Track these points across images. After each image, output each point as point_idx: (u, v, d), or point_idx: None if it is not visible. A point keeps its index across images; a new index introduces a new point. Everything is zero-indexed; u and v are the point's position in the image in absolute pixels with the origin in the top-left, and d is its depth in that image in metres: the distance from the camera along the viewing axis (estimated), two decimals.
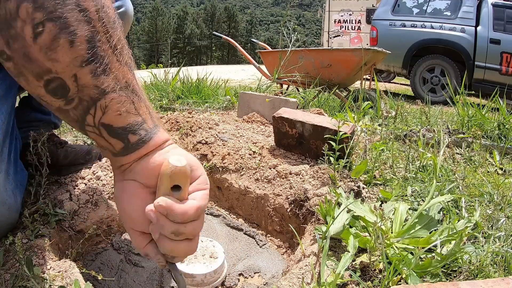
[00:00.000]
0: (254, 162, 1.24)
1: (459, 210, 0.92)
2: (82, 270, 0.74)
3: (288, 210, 1.07)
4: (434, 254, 0.71)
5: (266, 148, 1.34)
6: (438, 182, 0.99)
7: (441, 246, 0.74)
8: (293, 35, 3.16)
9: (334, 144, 1.06)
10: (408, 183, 1.08)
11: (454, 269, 0.71)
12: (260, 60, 3.82)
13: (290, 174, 1.15)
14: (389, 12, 6.04)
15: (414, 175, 1.15)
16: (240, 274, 0.94)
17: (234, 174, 1.24)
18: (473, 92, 4.91)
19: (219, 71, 4.32)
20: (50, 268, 0.71)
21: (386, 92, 2.88)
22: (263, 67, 3.67)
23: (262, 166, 1.22)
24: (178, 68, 3.28)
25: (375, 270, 0.71)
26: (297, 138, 1.26)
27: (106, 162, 1.16)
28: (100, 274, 0.71)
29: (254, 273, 0.95)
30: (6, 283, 0.65)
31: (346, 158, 1.12)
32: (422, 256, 0.73)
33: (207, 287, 0.86)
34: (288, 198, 1.08)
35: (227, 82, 3.67)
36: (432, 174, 1.11)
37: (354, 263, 0.73)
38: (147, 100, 0.55)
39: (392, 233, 0.81)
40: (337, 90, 2.92)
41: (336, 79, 3.13)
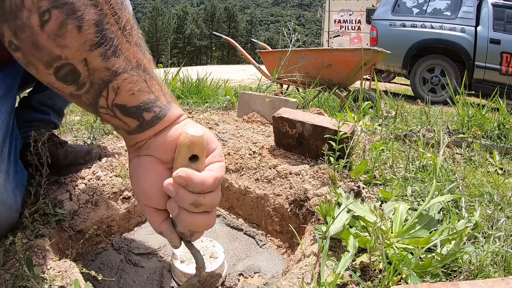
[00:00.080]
0: (254, 162, 1.24)
1: (459, 210, 0.92)
2: (82, 270, 0.74)
3: (288, 210, 1.07)
4: (434, 254, 0.71)
5: (266, 148, 1.34)
6: (438, 182, 0.99)
7: (441, 246, 0.74)
8: (293, 35, 3.16)
9: (334, 144, 1.06)
10: (408, 183, 1.08)
11: (454, 269, 0.71)
12: (260, 60, 3.82)
13: (290, 174, 1.15)
14: (389, 12, 6.04)
15: (414, 175, 1.15)
16: (240, 274, 0.94)
17: (234, 174, 1.24)
18: (473, 92, 4.91)
19: (219, 71, 4.32)
20: (50, 268, 0.71)
21: (386, 92, 2.88)
22: (263, 67, 3.67)
23: (262, 166, 1.22)
24: (178, 68, 3.28)
25: (375, 270, 0.71)
26: (297, 138, 1.26)
27: (106, 162, 1.16)
28: (100, 274, 0.71)
29: (254, 273, 0.95)
30: (6, 283, 0.65)
31: (346, 158, 1.13)
32: (422, 256, 0.73)
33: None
34: (288, 198, 1.08)
35: (227, 82, 3.67)
36: (432, 174, 1.11)
37: (354, 263, 0.73)
38: (159, 79, 0.56)
39: (392, 233, 0.81)
40: (337, 90, 2.92)
41: (336, 79, 3.13)
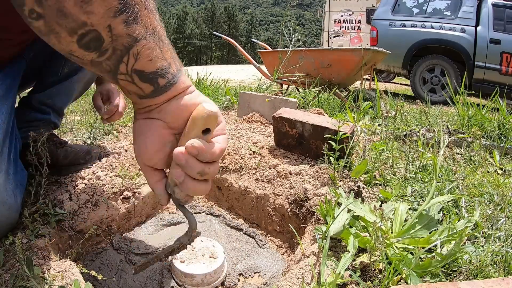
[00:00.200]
0: (254, 162, 1.24)
1: (459, 210, 0.92)
2: (82, 270, 0.74)
3: (288, 210, 1.07)
4: (434, 254, 0.71)
5: (266, 148, 1.34)
6: (438, 182, 0.99)
7: (441, 246, 0.74)
8: (293, 35, 3.16)
9: (334, 144, 1.06)
10: (408, 183, 1.08)
11: (454, 269, 0.71)
12: (260, 60, 3.82)
13: (290, 174, 1.15)
14: (389, 12, 6.04)
15: (414, 175, 1.15)
16: (240, 274, 0.94)
17: (234, 174, 1.24)
18: (473, 92, 4.91)
19: (219, 71, 4.32)
20: (50, 268, 0.71)
21: (386, 92, 2.88)
22: (263, 67, 3.67)
23: (262, 166, 1.22)
24: None
25: (375, 270, 0.71)
26: (297, 138, 1.26)
27: (106, 162, 1.16)
28: (100, 274, 0.71)
29: (254, 273, 0.95)
30: (6, 283, 0.65)
31: (346, 158, 1.12)
32: (422, 256, 0.73)
33: (207, 287, 0.86)
34: (288, 198, 1.08)
35: (227, 82, 3.67)
36: (432, 174, 1.11)
37: (354, 263, 0.73)
38: (170, 44, 0.57)
39: (392, 233, 0.81)
40: (337, 90, 2.92)
41: (336, 79, 3.13)
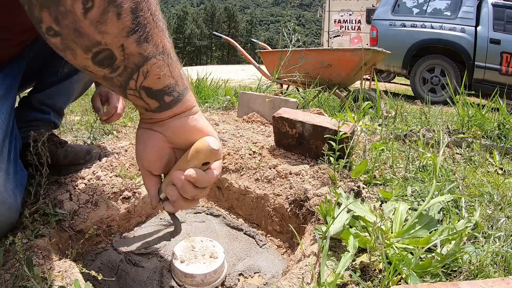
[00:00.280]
0: (254, 162, 1.24)
1: (459, 210, 0.92)
2: (82, 270, 0.74)
3: (288, 210, 1.07)
4: (434, 254, 0.71)
5: (266, 148, 1.33)
6: (438, 182, 0.99)
7: (441, 246, 0.74)
8: (293, 35, 3.16)
9: (334, 144, 1.06)
10: (408, 183, 1.08)
11: (454, 269, 0.71)
12: (260, 60, 3.82)
13: (290, 174, 1.15)
14: (389, 12, 6.04)
15: (414, 175, 1.15)
16: (240, 274, 0.94)
17: (234, 174, 1.24)
18: (473, 92, 4.90)
19: (219, 71, 4.31)
20: (50, 268, 0.71)
21: (386, 92, 2.88)
22: (263, 67, 3.67)
23: (262, 166, 1.22)
24: None
25: (375, 270, 0.71)
26: (297, 138, 1.26)
27: (106, 162, 1.16)
28: (100, 274, 0.71)
29: (254, 273, 0.95)
30: (6, 283, 0.65)
31: (346, 158, 1.12)
32: (422, 256, 0.73)
33: (207, 287, 0.86)
34: (288, 198, 1.08)
35: (227, 82, 3.67)
36: (432, 174, 1.11)
37: (354, 263, 0.73)
38: (178, 60, 0.59)
39: (392, 233, 0.81)
40: (337, 90, 2.92)
41: (336, 79, 3.13)
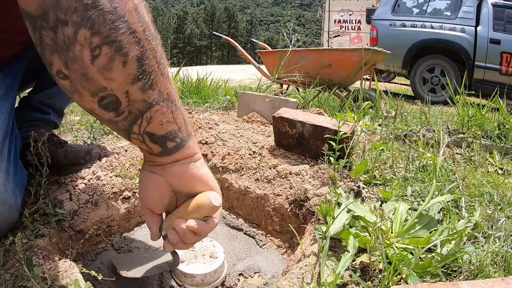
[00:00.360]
0: (254, 162, 1.24)
1: (459, 210, 0.92)
2: (82, 270, 0.74)
3: (288, 210, 1.07)
4: (434, 254, 0.71)
5: (266, 148, 1.33)
6: (438, 182, 0.99)
7: (441, 246, 0.74)
8: (293, 35, 3.16)
9: (334, 144, 1.06)
10: (408, 183, 1.08)
11: (454, 269, 0.71)
12: (260, 60, 3.82)
13: (290, 174, 1.15)
14: (389, 12, 6.04)
15: (414, 175, 1.15)
16: (240, 274, 0.94)
17: (234, 174, 1.24)
18: (473, 92, 4.90)
19: (219, 71, 4.31)
20: (50, 268, 0.71)
21: (386, 92, 2.88)
22: (263, 67, 3.67)
23: (262, 166, 1.22)
24: (178, 68, 3.27)
25: (375, 270, 0.71)
26: (297, 138, 1.26)
27: (106, 162, 1.16)
28: (100, 274, 0.71)
29: (254, 273, 0.95)
30: (6, 283, 0.65)
31: (346, 158, 1.12)
32: (422, 256, 0.73)
33: (207, 287, 0.86)
34: (288, 198, 1.08)
35: (227, 82, 3.66)
36: (432, 174, 1.11)
37: (354, 263, 0.73)
38: (182, 107, 0.61)
39: (392, 233, 0.81)
40: (337, 90, 2.92)
41: (336, 79, 3.12)
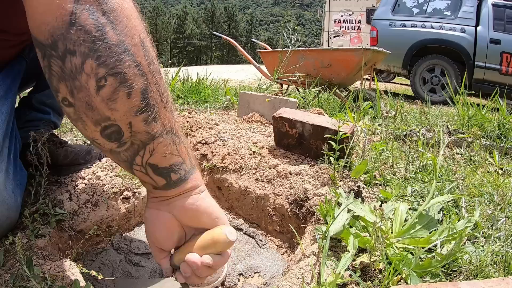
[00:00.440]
0: (254, 162, 1.24)
1: (459, 210, 0.92)
2: (82, 270, 0.74)
3: (288, 210, 1.07)
4: (434, 254, 0.71)
5: (266, 148, 1.33)
6: (438, 182, 0.99)
7: (441, 246, 0.74)
8: (293, 35, 3.16)
9: (334, 144, 1.06)
10: (408, 183, 1.08)
11: (454, 269, 0.71)
12: (260, 60, 3.82)
13: (290, 174, 1.15)
14: (389, 12, 6.04)
15: (414, 175, 1.15)
16: (240, 274, 0.94)
17: (234, 174, 1.24)
18: (473, 92, 4.90)
19: (219, 71, 4.31)
20: (50, 268, 0.71)
21: (386, 92, 2.88)
22: (263, 67, 3.67)
23: (262, 166, 1.22)
24: (178, 68, 3.28)
25: (375, 270, 0.71)
26: (297, 138, 1.26)
27: (106, 162, 1.16)
28: (100, 274, 0.71)
29: (254, 273, 0.95)
30: (6, 283, 0.65)
31: (346, 158, 1.12)
32: (422, 256, 0.73)
33: (207, 287, 0.86)
34: (288, 198, 1.08)
35: (227, 82, 3.66)
36: (432, 174, 1.11)
37: (354, 263, 0.73)
38: (186, 140, 0.62)
39: (392, 233, 0.81)
40: (337, 90, 2.92)
41: (336, 79, 3.13)
